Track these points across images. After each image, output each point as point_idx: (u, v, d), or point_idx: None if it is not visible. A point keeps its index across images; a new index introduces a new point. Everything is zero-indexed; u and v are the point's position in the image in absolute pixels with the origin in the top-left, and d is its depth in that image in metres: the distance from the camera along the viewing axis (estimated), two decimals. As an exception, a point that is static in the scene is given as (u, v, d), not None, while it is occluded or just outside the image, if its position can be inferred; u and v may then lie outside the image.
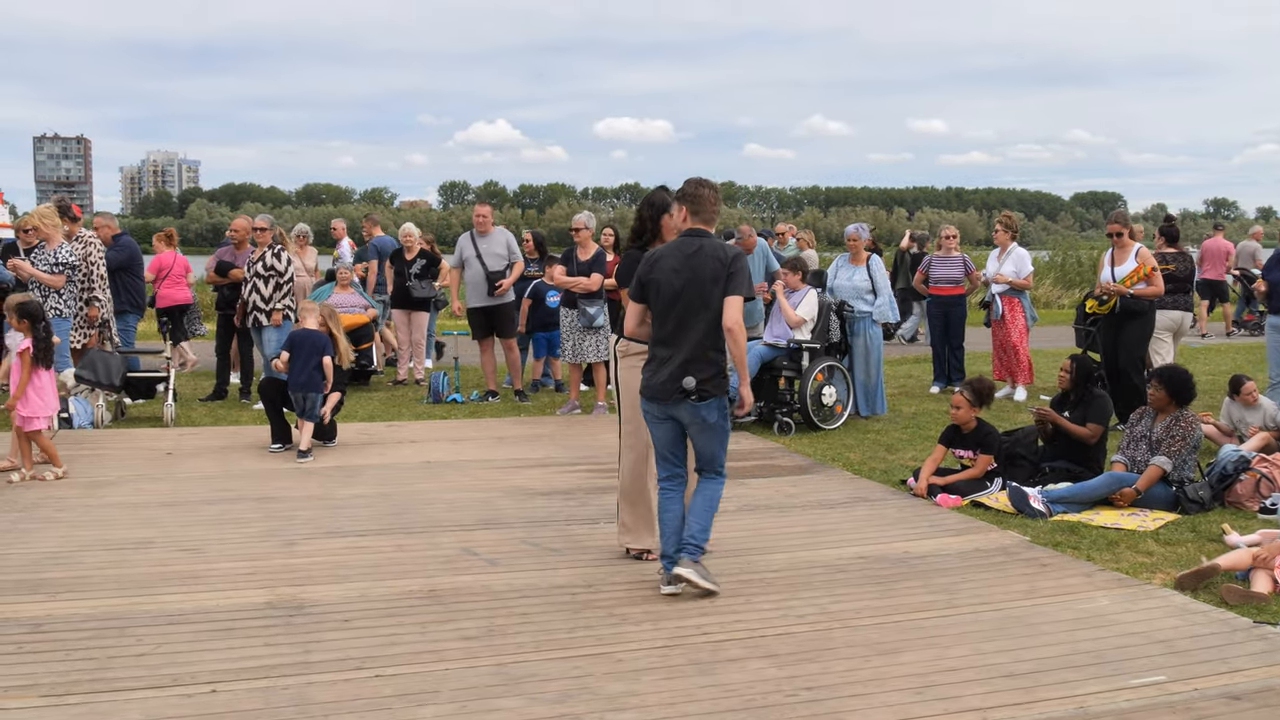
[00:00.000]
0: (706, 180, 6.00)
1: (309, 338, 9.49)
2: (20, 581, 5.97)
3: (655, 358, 5.86)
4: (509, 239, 12.57)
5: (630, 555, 6.49)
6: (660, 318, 5.83)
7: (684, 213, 5.98)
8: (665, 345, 5.81)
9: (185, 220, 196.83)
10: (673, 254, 5.84)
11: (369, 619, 5.42)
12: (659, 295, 5.81)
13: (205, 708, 4.40)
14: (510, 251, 12.42)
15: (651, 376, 5.84)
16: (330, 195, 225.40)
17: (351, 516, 7.40)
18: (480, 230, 12.47)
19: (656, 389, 5.80)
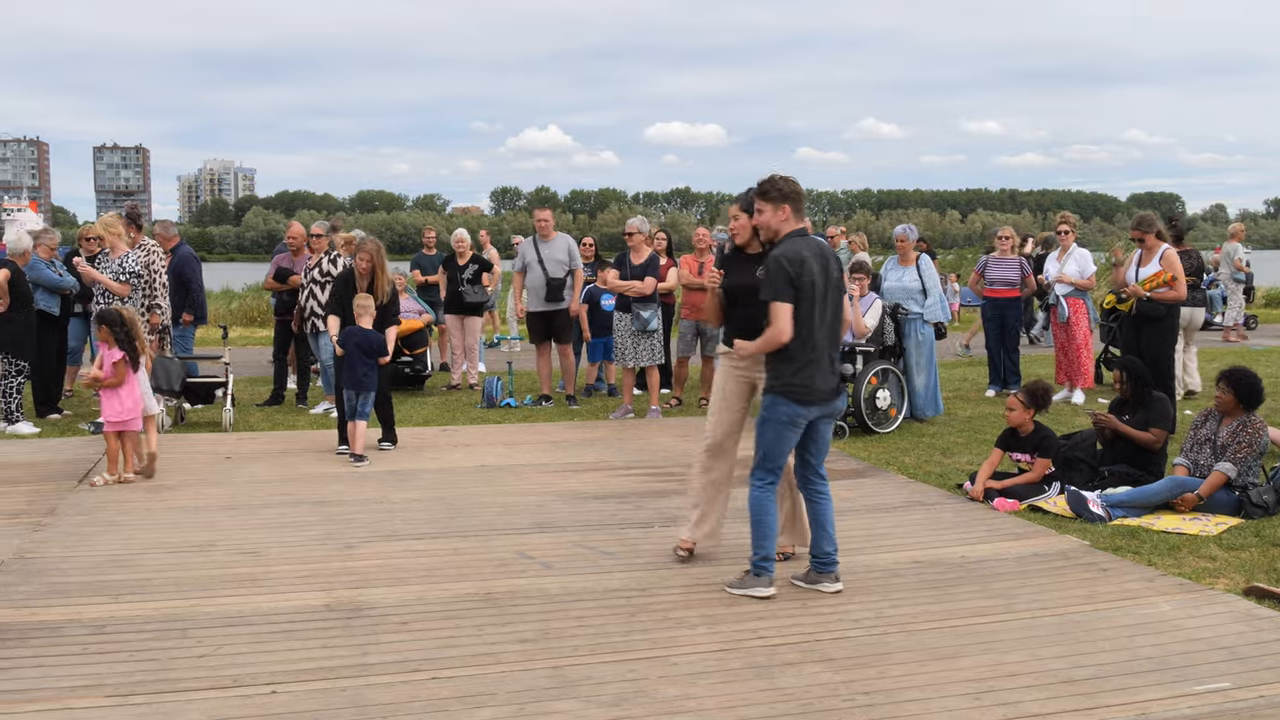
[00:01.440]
0: (791, 178, 5.94)
1: (363, 336, 9.56)
2: (85, 583, 6.07)
3: (812, 360, 5.74)
4: (570, 245, 12.60)
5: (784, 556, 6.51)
6: (809, 319, 5.71)
7: (786, 211, 5.89)
8: (819, 346, 5.76)
9: (241, 228, 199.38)
10: (811, 254, 5.75)
11: (426, 621, 5.46)
12: (810, 297, 5.70)
13: (265, 708, 4.45)
14: (571, 257, 12.45)
15: (814, 379, 5.75)
16: (384, 202, 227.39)
17: (407, 520, 7.45)
18: (542, 235, 12.52)
19: (826, 390, 5.79)
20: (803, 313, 5.70)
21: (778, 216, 5.90)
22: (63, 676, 4.77)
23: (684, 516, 6.78)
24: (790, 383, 5.76)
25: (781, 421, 5.83)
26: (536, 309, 12.46)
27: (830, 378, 5.83)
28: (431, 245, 16.00)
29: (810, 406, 5.80)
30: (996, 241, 14.02)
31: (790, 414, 5.81)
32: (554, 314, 12.42)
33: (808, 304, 5.71)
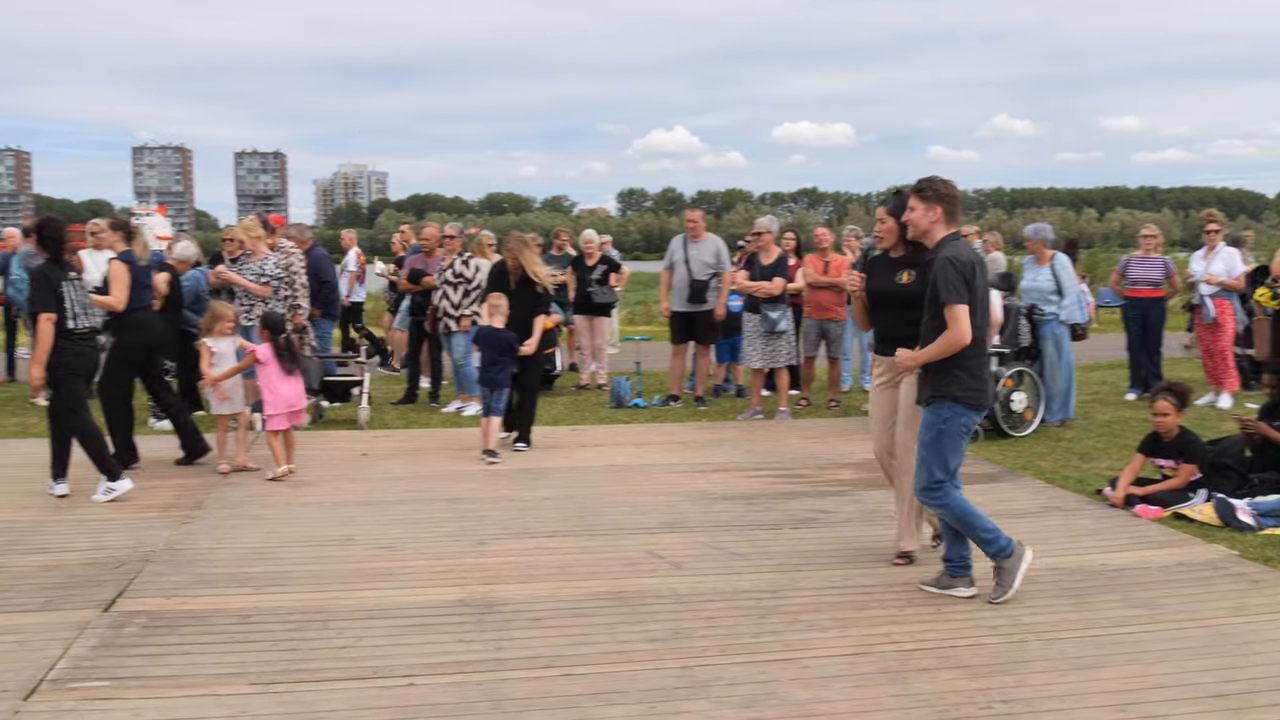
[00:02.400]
0: (949, 180, 5.84)
1: (495, 336, 9.70)
2: (229, 575, 6.27)
3: (983, 366, 5.73)
4: (719, 247, 12.57)
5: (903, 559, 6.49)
6: (978, 326, 5.65)
7: (938, 213, 5.77)
8: (984, 350, 5.75)
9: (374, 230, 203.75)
10: (975, 259, 5.67)
11: (558, 618, 5.51)
12: (976, 302, 5.63)
13: (403, 700, 4.54)
14: (719, 260, 12.42)
15: (985, 383, 5.73)
16: (512, 204, 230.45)
17: (539, 518, 7.53)
18: (692, 236, 12.54)
19: (990, 395, 5.79)
20: (975, 317, 5.64)
21: (928, 217, 5.79)
22: (209, 664, 4.94)
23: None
24: (969, 388, 5.66)
25: (960, 433, 5.73)
26: (679, 309, 12.48)
27: (991, 383, 5.77)
28: (563, 246, 16.15)
29: (981, 412, 5.75)
30: (1140, 240, 13.59)
31: (970, 423, 5.74)
32: (696, 315, 12.42)
33: (977, 310, 5.65)
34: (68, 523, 7.46)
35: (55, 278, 8.08)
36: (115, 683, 4.74)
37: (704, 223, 12.76)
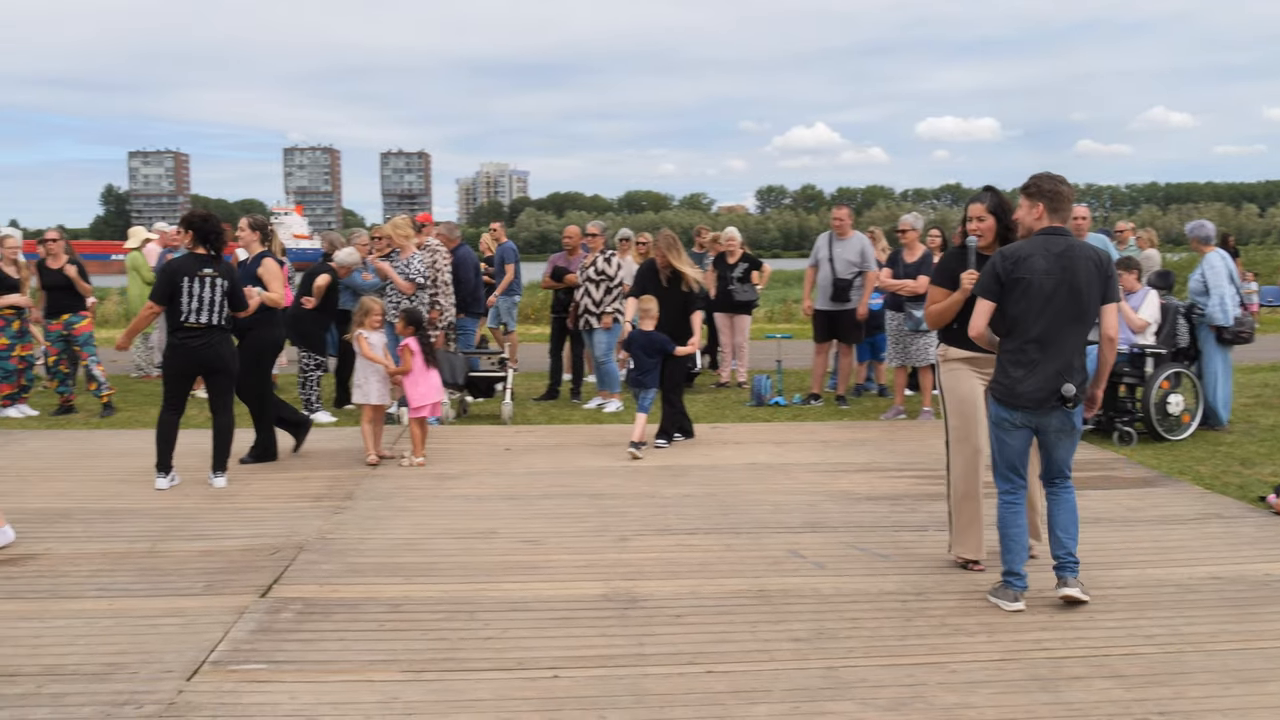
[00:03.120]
0: (1061, 177, 5.72)
1: (648, 338, 9.76)
2: (380, 564, 6.43)
3: (1019, 362, 5.55)
4: (865, 246, 12.42)
5: (960, 564, 6.32)
6: (1026, 320, 5.52)
7: (1040, 210, 5.67)
8: (1034, 349, 5.53)
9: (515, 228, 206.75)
10: (1039, 252, 5.53)
11: (700, 615, 5.51)
12: (1026, 295, 5.50)
13: (548, 691, 4.59)
14: (863, 259, 12.28)
15: (1019, 382, 5.54)
16: (651, 202, 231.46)
17: (680, 515, 7.55)
18: (838, 233, 12.42)
19: (1030, 395, 5.51)
20: (1014, 312, 5.54)
21: (1031, 214, 5.72)
22: (362, 650, 5.07)
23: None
24: (998, 381, 5.64)
25: (992, 422, 5.73)
26: (822, 307, 12.38)
27: (1045, 384, 5.49)
28: (703, 244, 16.14)
29: (1014, 410, 5.57)
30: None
31: (996, 415, 5.67)
32: (839, 314, 12.30)
33: (1021, 304, 5.52)
34: (226, 511, 7.74)
35: (180, 272, 8.38)
36: (272, 666, 4.90)
37: (850, 220, 12.62)
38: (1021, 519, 5.70)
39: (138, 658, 4.99)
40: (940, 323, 6.39)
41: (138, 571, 6.34)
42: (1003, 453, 5.72)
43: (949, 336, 6.38)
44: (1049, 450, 5.66)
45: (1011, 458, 5.69)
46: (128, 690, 4.62)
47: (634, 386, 9.83)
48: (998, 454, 5.74)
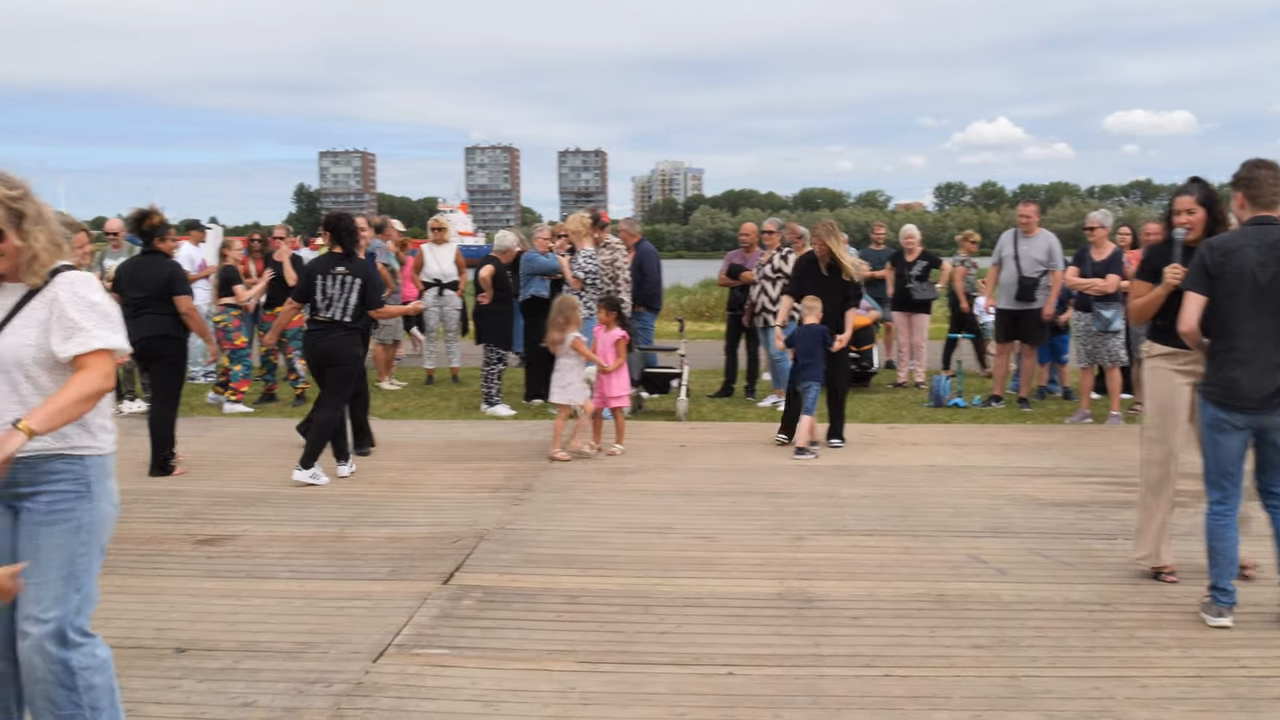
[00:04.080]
0: (1265, 160, 5.37)
1: (810, 331, 9.67)
2: (557, 556, 6.53)
3: (1235, 360, 5.27)
4: (1052, 244, 12.03)
5: (1151, 574, 6.07)
6: (1240, 314, 5.25)
7: (1239, 198, 5.38)
8: (1249, 345, 5.25)
9: (689, 226, 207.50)
10: (1250, 243, 5.26)
11: (877, 618, 5.43)
12: (1240, 288, 5.23)
13: (723, 688, 4.59)
14: (1051, 257, 11.91)
15: (1238, 382, 5.25)
16: (826, 199, 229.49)
17: (856, 515, 7.45)
18: (1025, 231, 12.08)
19: (1249, 394, 5.22)
20: (1225, 307, 5.25)
21: (1235, 204, 5.47)
22: (540, 640, 5.16)
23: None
24: (1210, 380, 5.35)
25: (1206, 425, 5.39)
26: (1005, 306, 12.06)
27: (1269, 382, 5.19)
28: (880, 241, 15.92)
29: (1233, 412, 5.26)
30: None
31: (1213, 417, 5.34)
32: (1023, 313, 11.96)
33: (1232, 298, 5.23)
34: (409, 499, 7.97)
35: (316, 270, 8.66)
36: (454, 651, 5.03)
37: (1037, 217, 12.24)
38: (1232, 531, 5.39)
39: (327, 638, 5.18)
40: (1143, 317, 6.17)
41: (327, 555, 6.58)
42: (1217, 457, 5.39)
43: (1154, 332, 6.12)
44: (1269, 453, 5.35)
45: (1226, 463, 5.37)
46: (318, 669, 4.80)
47: (800, 384, 9.71)
48: (1211, 459, 5.42)
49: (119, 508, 3.67)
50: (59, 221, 3.64)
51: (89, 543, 3.52)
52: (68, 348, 3.45)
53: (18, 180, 3.54)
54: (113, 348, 3.50)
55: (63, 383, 3.45)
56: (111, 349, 3.50)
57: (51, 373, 3.48)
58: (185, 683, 4.68)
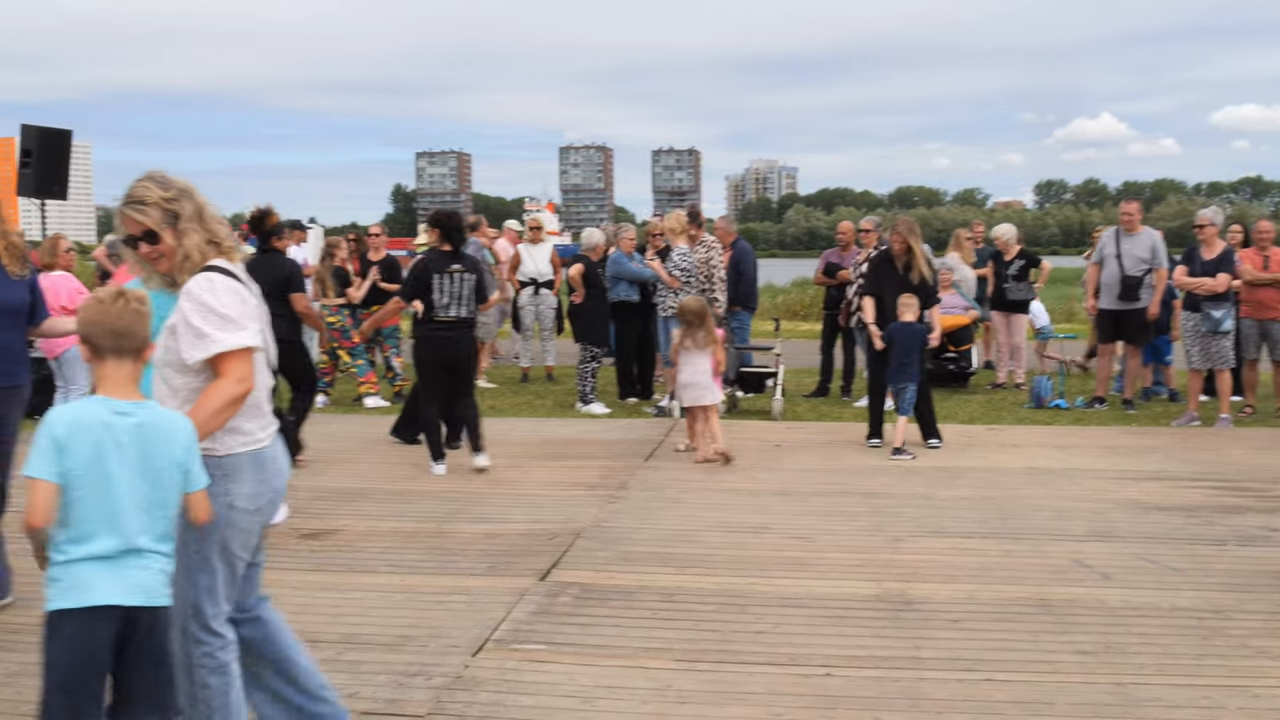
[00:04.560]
0: None
1: (907, 329, 9.55)
2: (652, 554, 6.54)
3: None
4: (1155, 241, 11.74)
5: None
6: None
7: None
8: None
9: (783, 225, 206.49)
10: None
11: (978, 621, 5.35)
12: None
13: (821, 689, 4.56)
14: (1155, 255, 11.64)
15: None
16: (922, 197, 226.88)
17: (955, 517, 7.35)
18: (1126, 229, 11.82)
19: None
20: None
21: None
22: (636, 637, 5.17)
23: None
24: None
25: None
26: (1108, 306, 11.80)
27: None
28: (978, 239, 15.68)
29: None
30: None
31: None
32: (1126, 313, 11.68)
33: None
34: (506, 496, 8.04)
35: (431, 269, 8.75)
36: (551, 647, 5.06)
37: (1140, 215, 11.96)
38: None
39: (426, 632, 5.24)
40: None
41: (426, 550, 6.67)
42: None
43: None
44: None
45: None
46: (418, 662, 4.87)
47: (892, 384, 9.60)
48: None
49: (251, 512, 3.59)
50: (220, 221, 3.71)
51: (203, 541, 3.52)
52: (193, 354, 3.49)
53: (174, 181, 3.64)
54: (236, 349, 3.50)
55: (197, 380, 3.52)
56: (235, 350, 3.50)
57: (184, 374, 3.53)
58: (290, 673, 4.76)
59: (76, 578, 3.15)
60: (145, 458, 3.22)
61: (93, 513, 3.15)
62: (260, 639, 3.82)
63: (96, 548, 3.16)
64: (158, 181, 3.61)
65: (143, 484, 3.22)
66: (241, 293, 3.60)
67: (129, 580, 3.19)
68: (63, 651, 3.14)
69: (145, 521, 3.23)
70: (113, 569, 3.17)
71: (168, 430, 3.28)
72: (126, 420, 3.21)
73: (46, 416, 3.18)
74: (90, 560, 3.16)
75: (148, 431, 3.23)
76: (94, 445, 3.15)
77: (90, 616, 3.14)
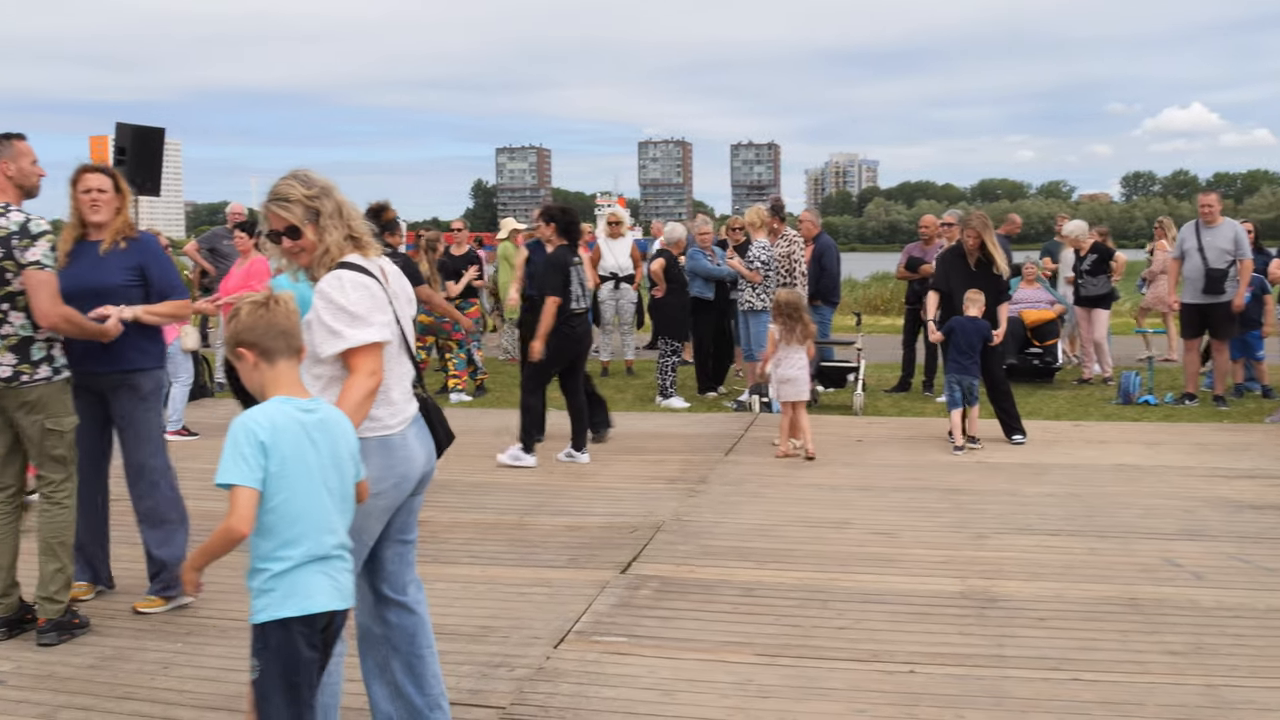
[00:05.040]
0: None
1: (969, 325, 9.41)
2: (733, 548, 6.53)
3: None
4: (1238, 232, 11.44)
5: None
6: None
7: None
8: None
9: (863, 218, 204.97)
10: None
11: (1064, 620, 5.26)
12: None
13: (904, 686, 4.52)
14: (1238, 246, 11.36)
15: None
16: (1006, 190, 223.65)
17: (1041, 514, 7.24)
18: (1206, 221, 11.56)
19: None
20: None
21: None
22: (717, 631, 5.17)
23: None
24: None
25: None
26: (1192, 300, 11.54)
27: None
28: (1063, 236, 15.41)
29: None
30: None
31: None
32: (1211, 307, 11.42)
33: None
34: (587, 489, 8.08)
35: (565, 263, 8.80)
36: (632, 640, 5.08)
37: (1219, 206, 11.67)
38: None
39: (509, 623, 5.29)
40: None
41: (507, 542, 6.72)
42: None
43: None
44: None
45: None
46: (501, 653, 4.91)
47: (949, 376, 9.46)
48: None
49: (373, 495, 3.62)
50: (359, 218, 3.83)
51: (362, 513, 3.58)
52: (324, 350, 3.62)
53: (316, 179, 3.77)
54: (365, 344, 3.60)
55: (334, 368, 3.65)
56: (364, 345, 3.60)
57: (321, 364, 3.64)
58: (375, 661, 4.83)
59: (295, 584, 3.13)
60: (334, 453, 3.26)
61: (303, 514, 3.15)
62: (402, 629, 3.95)
63: (312, 549, 3.16)
64: (300, 180, 3.74)
65: (335, 478, 3.25)
66: (371, 287, 3.69)
67: (337, 584, 3.22)
68: (288, 660, 3.12)
69: (341, 519, 3.27)
70: (325, 572, 3.18)
71: (341, 422, 3.33)
72: (313, 417, 3.24)
73: (239, 421, 3.14)
74: (308, 564, 3.15)
75: (330, 426, 3.27)
76: (295, 445, 3.16)
77: (309, 623, 3.14)
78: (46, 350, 5.13)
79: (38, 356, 5.10)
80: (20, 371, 5.06)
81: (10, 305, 5.03)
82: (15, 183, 5.14)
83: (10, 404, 5.08)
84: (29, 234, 5.01)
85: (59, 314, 5.02)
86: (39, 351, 5.10)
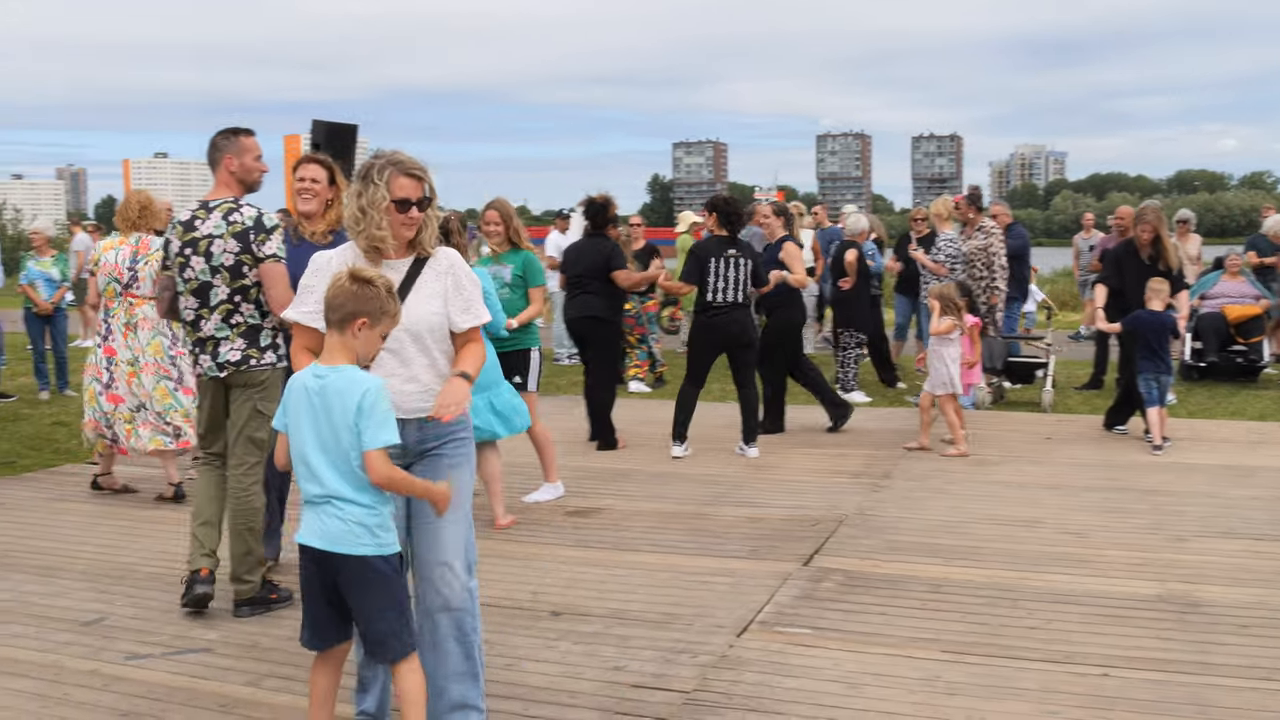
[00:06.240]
0: None
1: (1155, 319, 9.00)
2: (918, 544, 6.43)
3: None
4: None
5: None
6: None
7: None
8: None
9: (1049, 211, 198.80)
10: None
11: (1272, 629, 5.01)
12: None
13: (1097, 689, 4.38)
14: None
15: None
16: (1204, 182, 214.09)
17: (1245, 518, 6.90)
18: None
19: None
20: None
21: None
22: (903, 627, 5.10)
23: None
24: None
25: None
26: None
27: None
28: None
29: None
30: None
31: None
32: None
33: None
34: (768, 481, 8.06)
35: (706, 254, 8.82)
36: (816, 632, 5.05)
37: None
38: None
39: (691, 611, 5.32)
40: None
41: (687, 531, 6.76)
42: None
43: None
44: None
45: None
46: (684, 640, 4.94)
47: (1143, 374, 9.05)
48: None
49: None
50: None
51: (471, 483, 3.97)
52: (465, 320, 3.87)
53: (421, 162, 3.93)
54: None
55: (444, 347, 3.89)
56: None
57: (440, 342, 3.88)
58: (561, 644, 4.93)
59: (302, 516, 3.63)
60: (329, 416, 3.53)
61: (298, 462, 3.59)
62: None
63: (304, 492, 3.60)
64: (415, 163, 3.88)
65: (331, 438, 3.53)
66: None
67: (324, 527, 3.54)
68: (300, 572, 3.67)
69: (333, 473, 3.53)
70: (314, 513, 3.58)
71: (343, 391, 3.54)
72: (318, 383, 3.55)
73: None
74: (306, 503, 3.61)
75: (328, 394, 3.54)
76: (296, 405, 3.59)
77: (303, 551, 3.60)
78: (272, 338, 5.45)
79: (265, 343, 5.42)
80: (249, 356, 5.38)
81: (242, 297, 5.35)
82: (238, 178, 5.43)
83: (236, 385, 5.38)
84: (264, 228, 5.32)
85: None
86: (266, 338, 5.42)
